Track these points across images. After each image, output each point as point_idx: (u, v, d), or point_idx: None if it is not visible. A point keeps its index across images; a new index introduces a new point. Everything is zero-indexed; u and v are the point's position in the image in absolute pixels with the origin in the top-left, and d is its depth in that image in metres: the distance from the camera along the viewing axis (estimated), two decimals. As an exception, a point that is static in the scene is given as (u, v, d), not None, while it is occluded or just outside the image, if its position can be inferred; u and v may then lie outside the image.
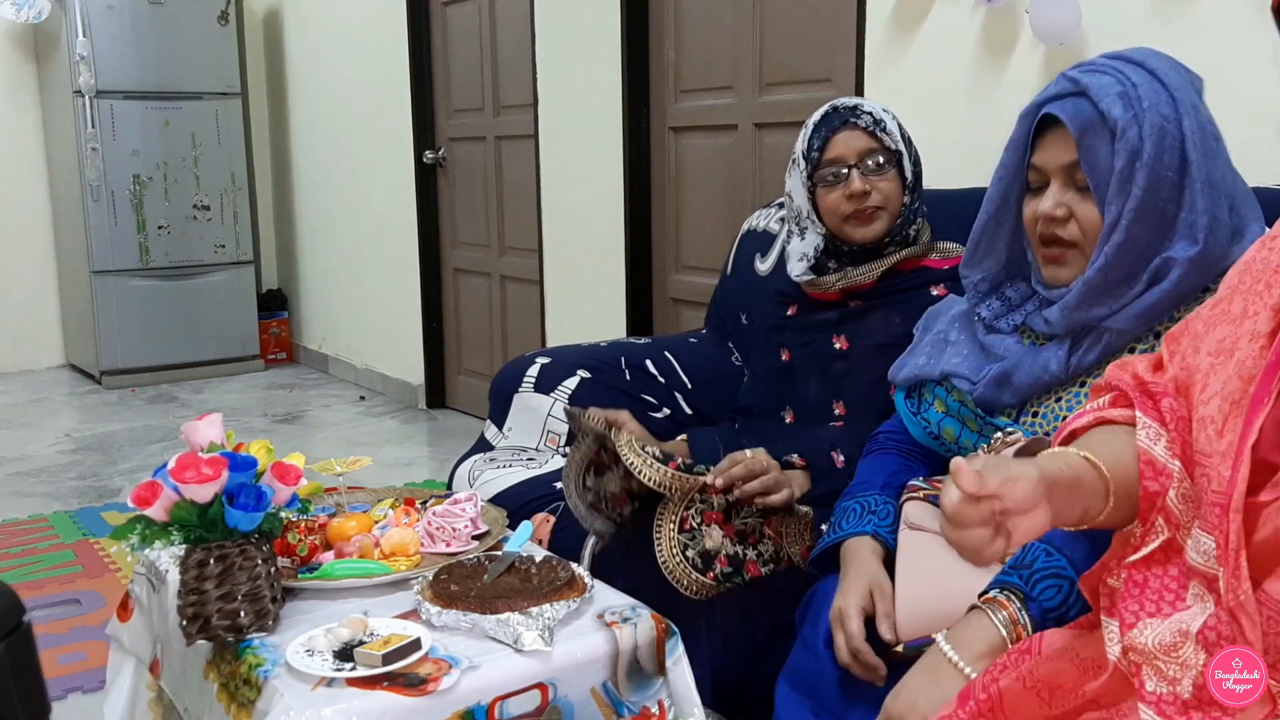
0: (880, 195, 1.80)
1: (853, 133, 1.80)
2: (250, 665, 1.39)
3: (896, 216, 1.82)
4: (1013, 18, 2.32)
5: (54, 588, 2.92)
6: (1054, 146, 1.36)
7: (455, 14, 4.48)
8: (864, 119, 1.80)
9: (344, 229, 5.37)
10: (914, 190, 1.84)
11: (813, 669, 1.44)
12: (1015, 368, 1.42)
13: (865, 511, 1.51)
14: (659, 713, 1.49)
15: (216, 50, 5.36)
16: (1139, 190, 1.31)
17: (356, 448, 4.19)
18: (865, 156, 1.79)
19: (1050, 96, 1.36)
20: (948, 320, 1.57)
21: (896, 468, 1.59)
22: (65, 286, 5.68)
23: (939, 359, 1.53)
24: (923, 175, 1.87)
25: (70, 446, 4.36)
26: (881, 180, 1.80)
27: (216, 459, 1.40)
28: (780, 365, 1.93)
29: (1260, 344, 1.01)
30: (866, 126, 1.79)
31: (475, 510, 1.76)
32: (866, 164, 1.79)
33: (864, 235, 1.82)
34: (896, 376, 1.60)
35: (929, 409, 1.56)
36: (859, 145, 1.80)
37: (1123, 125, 1.31)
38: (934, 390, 1.55)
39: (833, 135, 1.80)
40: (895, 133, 1.81)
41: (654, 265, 3.60)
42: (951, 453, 1.56)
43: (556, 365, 2.31)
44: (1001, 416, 1.46)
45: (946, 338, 1.54)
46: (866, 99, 1.87)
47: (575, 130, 3.77)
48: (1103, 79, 1.34)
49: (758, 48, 3.11)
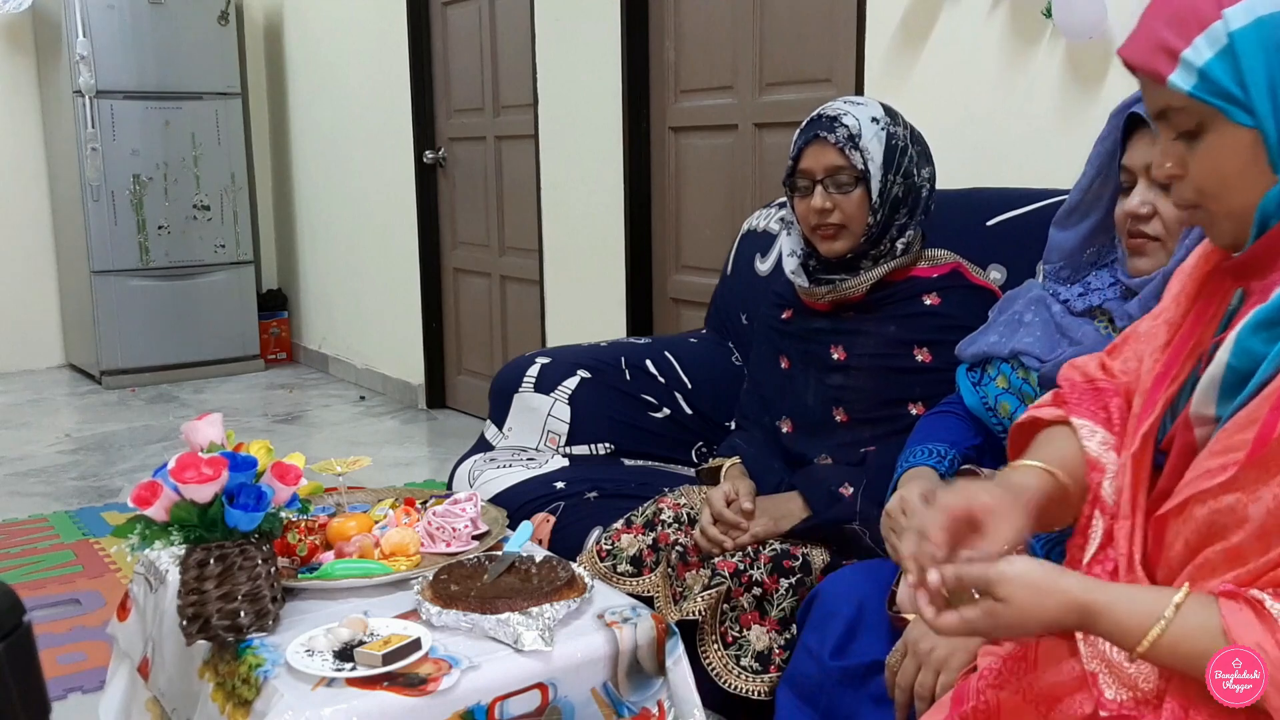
0: (842, 214, 1.76)
1: (823, 148, 1.76)
2: (250, 665, 1.39)
3: (861, 235, 1.78)
4: (1022, 16, 2.31)
5: (54, 588, 2.92)
6: (1140, 147, 1.39)
7: (455, 14, 4.48)
8: (838, 133, 1.74)
9: (344, 229, 5.37)
10: (895, 207, 1.77)
11: (815, 677, 1.44)
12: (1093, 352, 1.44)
13: (935, 456, 1.54)
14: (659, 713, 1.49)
15: (216, 50, 5.36)
16: None
17: (356, 448, 4.19)
18: (832, 174, 1.76)
19: (1137, 98, 1.37)
20: (1024, 303, 1.59)
21: (962, 429, 1.60)
22: (65, 286, 5.68)
23: (1010, 338, 1.55)
24: (927, 185, 1.81)
25: (70, 446, 4.36)
26: (845, 199, 1.76)
27: (216, 459, 1.40)
28: (779, 372, 1.93)
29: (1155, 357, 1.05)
30: (838, 143, 1.74)
31: (475, 510, 1.76)
32: (832, 181, 1.76)
33: (826, 249, 1.81)
34: (964, 352, 1.62)
35: (990, 383, 1.58)
36: (826, 162, 1.76)
37: None
38: (999, 367, 1.57)
39: (806, 146, 1.78)
40: (874, 148, 1.75)
41: (654, 265, 3.60)
42: (1004, 428, 1.58)
43: (556, 365, 2.31)
44: None
45: (1021, 319, 1.57)
46: (864, 104, 1.80)
47: (575, 130, 3.77)
48: None
49: (758, 48, 3.11)
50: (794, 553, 1.67)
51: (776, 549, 1.67)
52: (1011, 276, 1.93)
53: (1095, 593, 0.94)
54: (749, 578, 1.64)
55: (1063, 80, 2.26)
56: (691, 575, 1.69)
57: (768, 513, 1.72)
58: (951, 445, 1.56)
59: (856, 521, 1.66)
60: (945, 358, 1.70)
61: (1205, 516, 0.94)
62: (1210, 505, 0.93)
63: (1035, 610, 0.93)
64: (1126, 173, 1.42)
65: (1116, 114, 1.42)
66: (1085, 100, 2.21)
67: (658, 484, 2.02)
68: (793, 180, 1.81)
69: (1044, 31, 2.27)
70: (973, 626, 0.95)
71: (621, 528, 1.82)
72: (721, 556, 1.68)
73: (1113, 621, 0.93)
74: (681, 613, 1.64)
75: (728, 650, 1.61)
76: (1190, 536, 0.96)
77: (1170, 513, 0.98)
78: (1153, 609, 0.92)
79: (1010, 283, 1.90)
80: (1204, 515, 0.94)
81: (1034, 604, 0.93)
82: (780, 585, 1.63)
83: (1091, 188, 1.47)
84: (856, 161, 1.74)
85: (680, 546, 1.73)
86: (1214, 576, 0.93)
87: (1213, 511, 0.93)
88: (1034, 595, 0.93)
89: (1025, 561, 0.96)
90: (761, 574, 1.63)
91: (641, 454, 2.25)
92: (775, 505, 1.74)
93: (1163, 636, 0.91)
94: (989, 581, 0.94)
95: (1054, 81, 2.27)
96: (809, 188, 1.78)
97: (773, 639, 1.60)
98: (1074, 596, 0.93)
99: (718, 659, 1.61)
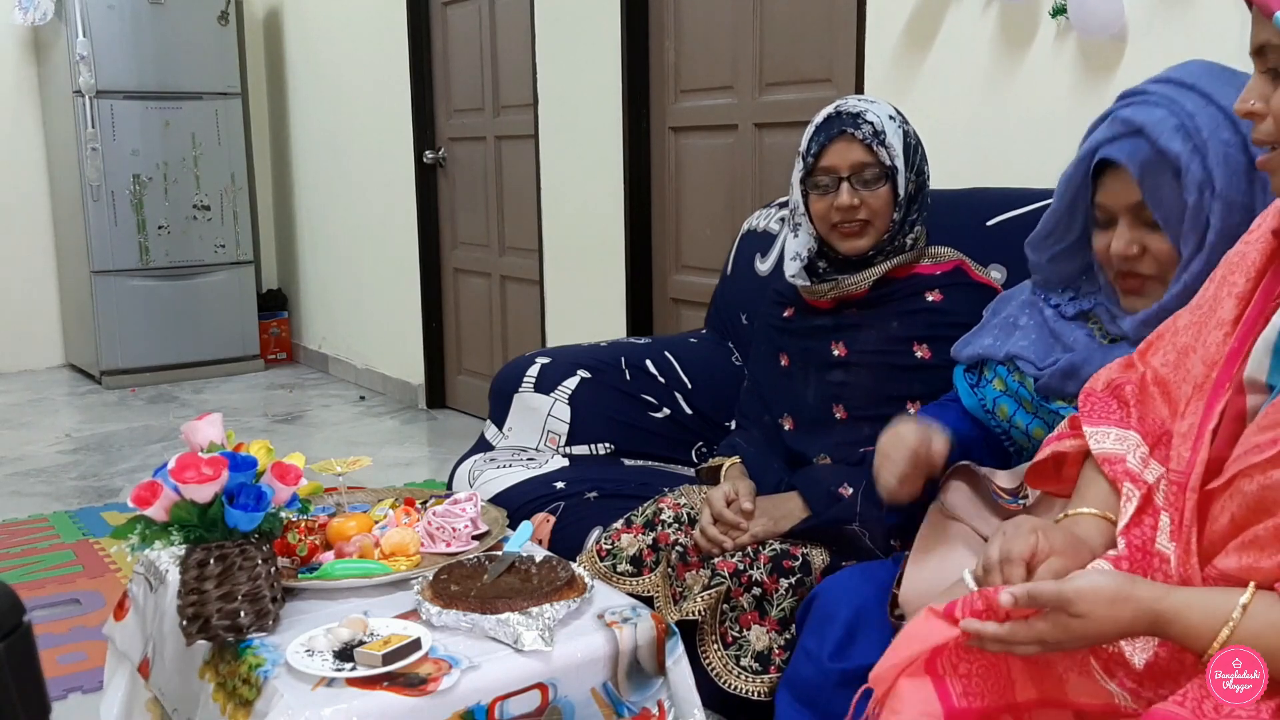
0: (868, 210, 1.77)
1: (849, 144, 1.76)
2: (250, 665, 1.39)
3: (884, 231, 1.79)
4: (1025, 16, 2.31)
5: (54, 588, 2.92)
6: (1116, 187, 1.36)
7: (455, 14, 4.48)
8: (864, 130, 1.75)
9: (344, 229, 5.37)
10: (910, 203, 1.80)
11: (814, 679, 1.43)
12: (1085, 362, 1.43)
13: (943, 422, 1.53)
14: (659, 713, 1.49)
15: (216, 50, 5.36)
16: (1218, 221, 1.30)
17: (356, 448, 4.19)
18: (858, 170, 1.76)
19: (1104, 140, 1.35)
20: (1018, 305, 1.58)
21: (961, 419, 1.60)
22: (65, 286, 5.68)
23: (1006, 341, 1.55)
24: (928, 182, 1.83)
25: (70, 446, 4.36)
26: (872, 195, 1.76)
27: (216, 459, 1.40)
28: (779, 370, 1.93)
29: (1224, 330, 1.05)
30: (865, 139, 1.75)
31: (475, 510, 1.76)
32: (859, 177, 1.76)
33: (849, 248, 1.80)
34: (960, 354, 1.62)
35: (987, 385, 1.58)
36: (854, 158, 1.76)
37: (1185, 160, 1.30)
38: (996, 369, 1.57)
39: (830, 143, 1.77)
40: (896, 144, 1.76)
41: (654, 265, 3.60)
42: (1002, 429, 1.59)
43: (556, 365, 2.31)
44: (1058, 402, 1.48)
45: (1015, 322, 1.56)
46: (875, 102, 1.80)
47: (575, 130, 3.77)
48: (1155, 113, 1.32)
49: (758, 48, 3.11)
50: (794, 553, 1.67)
51: (776, 549, 1.67)
52: (1012, 276, 1.93)
53: (1166, 599, 0.96)
54: (749, 578, 1.64)
55: (1065, 80, 2.26)
56: (691, 575, 1.69)
57: (767, 513, 1.72)
58: (950, 427, 1.53)
59: (856, 523, 1.66)
60: (945, 355, 1.70)
61: (1254, 492, 0.95)
62: (1259, 480, 0.94)
63: (1110, 622, 0.96)
64: (1103, 210, 1.40)
65: (1085, 155, 1.39)
66: (1088, 100, 2.21)
67: (658, 484, 2.02)
68: (810, 179, 1.80)
69: (1047, 31, 2.27)
70: (1043, 638, 0.97)
71: (621, 528, 1.82)
72: (721, 557, 1.68)
73: (1184, 626, 0.95)
74: (681, 613, 1.64)
75: (727, 650, 1.61)
76: (1236, 511, 0.97)
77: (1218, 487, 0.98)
78: (1221, 611, 0.94)
79: (1010, 283, 1.90)
80: (1253, 491, 0.95)
81: (1109, 616, 0.95)
82: (780, 585, 1.63)
83: (1062, 218, 1.45)
84: (884, 158, 1.75)
85: (680, 546, 1.73)
86: (1263, 554, 0.94)
87: (1262, 487, 0.94)
88: (1109, 608, 0.95)
89: (1095, 574, 0.98)
90: (761, 574, 1.64)
91: (641, 454, 2.25)
92: (775, 505, 1.74)
93: (1232, 637, 0.93)
94: (1064, 599, 0.96)
95: (1055, 81, 2.27)
96: (832, 185, 1.78)
97: (772, 639, 1.60)
98: (1148, 606, 0.95)
99: (717, 659, 1.61)
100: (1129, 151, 1.33)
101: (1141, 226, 1.36)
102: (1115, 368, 1.21)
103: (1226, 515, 0.97)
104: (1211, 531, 1.00)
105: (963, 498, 1.49)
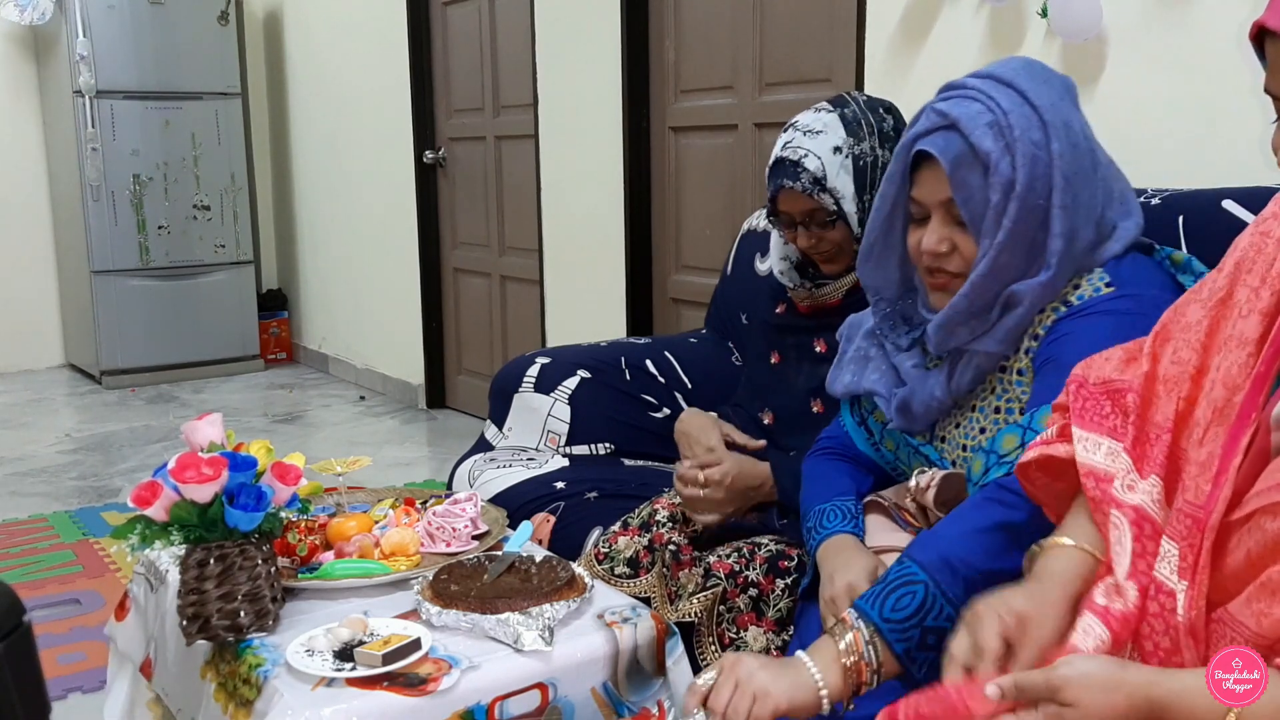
0: (830, 243, 1.78)
1: (792, 194, 1.75)
2: (250, 665, 1.39)
3: (853, 255, 1.77)
4: (1018, 16, 2.31)
5: (54, 588, 2.92)
6: (930, 182, 1.35)
7: (455, 14, 4.48)
8: (803, 179, 1.71)
9: (344, 229, 5.37)
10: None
11: None
12: (911, 395, 1.43)
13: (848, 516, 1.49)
14: (659, 713, 1.49)
15: (216, 50, 5.36)
16: (1009, 222, 1.29)
17: (356, 448, 4.19)
18: (808, 217, 1.77)
19: (921, 132, 1.34)
20: (864, 336, 1.56)
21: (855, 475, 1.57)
22: (65, 286, 5.68)
23: (862, 375, 1.53)
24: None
25: (70, 446, 4.36)
26: (828, 233, 1.77)
27: (216, 459, 1.40)
28: (768, 367, 1.94)
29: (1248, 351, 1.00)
30: (805, 190, 1.72)
31: (475, 510, 1.76)
32: (812, 220, 1.77)
33: (827, 270, 1.83)
34: (833, 388, 1.58)
35: (870, 418, 1.57)
36: (801, 206, 1.76)
37: (995, 158, 1.29)
38: (872, 401, 1.54)
39: (778, 191, 1.77)
40: (841, 183, 1.72)
41: (654, 265, 3.60)
42: (891, 464, 1.57)
43: (556, 365, 2.31)
44: (918, 439, 1.47)
45: (866, 354, 1.54)
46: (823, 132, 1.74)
47: (575, 130, 3.77)
48: (971, 107, 1.31)
49: (758, 48, 3.11)
50: (789, 553, 1.67)
51: (772, 549, 1.67)
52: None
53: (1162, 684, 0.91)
54: (745, 579, 1.64)
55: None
56: (685, 574, 1.69)
57: (739, 463, 1.76)
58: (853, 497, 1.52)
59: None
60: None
61: (1275, 530, 0.90)
62: None
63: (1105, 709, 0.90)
64: (917, 205, 1.39)
65: (903, 149, 1.37)
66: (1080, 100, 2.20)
67: (657, 484, 2.02)
68: (773, 217, 1.82)
69: (1040, 31, 2.27)
70: None
71: (618, 530, 1.82)
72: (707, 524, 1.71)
73: (1185, 710, 0.89)
74: (678, 613, 1.64)
75: (725, 651, 1.61)
76: (1254, 548, 0.92)
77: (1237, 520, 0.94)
78: None
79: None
80: (1274, 529, 0.90)
81: (1103, 703, 0.90)
82: (776, 585, 1.63)
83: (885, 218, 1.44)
84: (827, 204, 1.73)
85: (674, 545, 1.73)
86: (1275, 600, 0.89)
87: None
88: (1102, 695, 0.90)
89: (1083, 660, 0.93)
90: (757, 574, 1.64)
91: (641, 454, 2.25)
92: (746, 460, 1.79)
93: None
94: (1052, 689, 0.91)
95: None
96: (790, 224, 1.80)
97: (770, 640, 1.60)
98: (1142, 692, 0.90)
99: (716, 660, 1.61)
100: (942, 146, 1.31)
101: (952, 223, 1.35)
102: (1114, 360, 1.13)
103: (1243, 550, 0.93)
104: (1225, 565, 0.95)
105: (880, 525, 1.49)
